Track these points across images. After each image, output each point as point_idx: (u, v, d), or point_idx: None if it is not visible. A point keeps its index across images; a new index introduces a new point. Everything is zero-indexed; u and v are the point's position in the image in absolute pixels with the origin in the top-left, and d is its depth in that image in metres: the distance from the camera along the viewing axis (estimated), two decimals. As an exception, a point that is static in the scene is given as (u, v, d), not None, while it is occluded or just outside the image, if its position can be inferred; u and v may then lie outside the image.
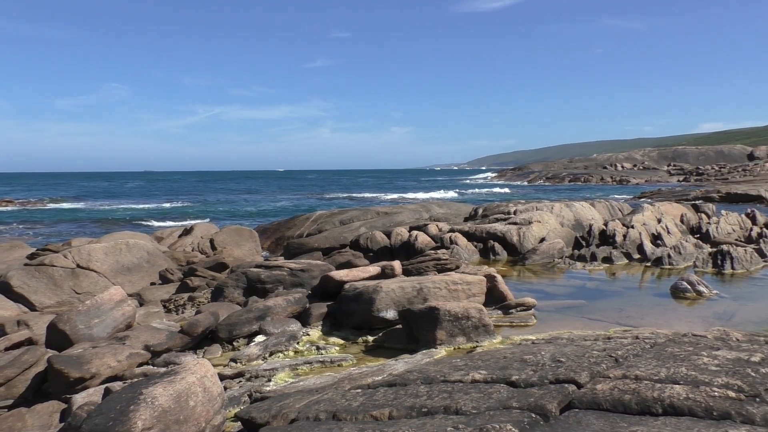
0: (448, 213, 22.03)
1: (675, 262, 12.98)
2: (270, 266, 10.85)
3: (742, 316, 8.39)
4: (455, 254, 13.85)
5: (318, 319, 8.62)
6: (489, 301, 9.02)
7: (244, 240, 17.72)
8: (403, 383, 4.91)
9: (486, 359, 5.43)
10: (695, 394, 3.98)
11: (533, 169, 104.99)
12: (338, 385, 5.32)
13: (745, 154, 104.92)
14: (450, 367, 5.22)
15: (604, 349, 5.34)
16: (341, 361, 6.92)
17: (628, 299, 9.94)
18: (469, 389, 4.51)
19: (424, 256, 11.56)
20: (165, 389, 4.15)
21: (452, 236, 15.07)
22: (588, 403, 4.07)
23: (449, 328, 7.18)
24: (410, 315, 7.46)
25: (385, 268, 9.79)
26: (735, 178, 57.46)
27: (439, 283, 8.49)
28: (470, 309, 7.35)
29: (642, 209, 18.10)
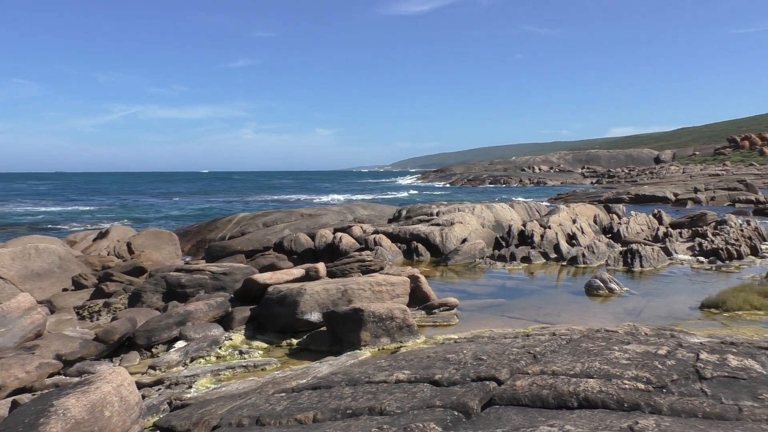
0: (372, 215, 22.14)
1: (589, 261, 13.54)
2: (191, 270, 10.58)
3: (650, 312, 8.84)
4: (379, 255, 13.93)
5: (241, 323, 8.48)
6: (413, 301, 9.13)
7: (163, 243, 17.19)
8: (328, 385, 4.90)
9: (410, 359, 5.49)
10: (608, 387, 4.16)
11: (455, 171, 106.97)
12: (262, 390, 5.25)
13: (652, 158, 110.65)
14: (374, 368, 5.25)
15: (523, 347, 5.51)
16: (265, 365, 6.83)
17: (545, 297, 10.29)
18: (394, 389, 4.55)
19: (349, 258, 11.58)
20: (78, 400, 3.97)
21: (376, 238, 15.15)
22: (508, 399, 4.19)
23: (374, 329, 7.22)
24: (335, 317, 7.45)
25: (309, 270, 9.74)
26: (643, 181, 60.48)
27: (363, 285, 8.51)
28: (394, 310, 7.42)
29: (558, 210, 18.78)
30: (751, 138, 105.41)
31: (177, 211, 44.46)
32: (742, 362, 4.69)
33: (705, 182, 44.94)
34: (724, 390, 4.15)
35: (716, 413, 3.78)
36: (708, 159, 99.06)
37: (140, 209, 47.65)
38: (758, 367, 4.60)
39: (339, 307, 7.80)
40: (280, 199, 58.60)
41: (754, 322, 7.78)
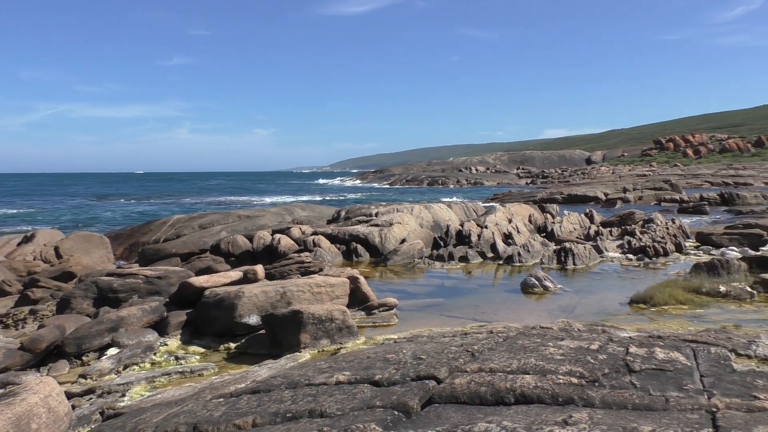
0: (311, 216, 22.02)
1: (524, 260, 13.86)
2: (123, 274, 10.26)
3: (583, 308, 9.13)
4: (319, 257, 13.87)
5: (177, 327, 8.28)
6: (352, 302, 9.13)
7: (93, 247, 16.61)
8: (267, 389, 4.84)
9: (350, 360, 5.49)
10: (543, 383, 4.27)
11: (394, 172, 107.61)
12: (199, 396, 5.14)
13: (584, 159, 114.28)
14: (314, 370, 5.22)
15: (461, 345, 5.58)
16: (202, 370, 6.70)
17: (483, 296, 10.47)
18: (334, 391, 4.54)
19: (288, 260, 11.47)
20: (2, 413, 3.79)
21: (315, 239, 15.08)
22: (447, 397, 4.24)
23: (313, 331, 7.18)
24: (274, 319, 7.37)
25: (247, 273, 9.60)
26: (575, 181, 62.37)
27: (302, 287, 8.46)
28: (334, 311, 7.40)
29: (494, 210, 19.14)
30: (675, 140, 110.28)
31: (109, 213, 43.02)
32: (669, 355, 4.90)
33: (633, 182, 46.73)
34: (652, 382, 4.32)
35: (645, 404, 3.93)
36: (636, 160, 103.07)
37: (70, 212, 45.86)
38: (683, 359, 4.82)
39: (278, 309, 7.72)
40: (217, 201, 57.55)
41: (679, 316, 8.14)
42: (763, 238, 15.64)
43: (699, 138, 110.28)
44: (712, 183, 52.40)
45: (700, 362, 4.83)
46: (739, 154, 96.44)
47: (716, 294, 9.16)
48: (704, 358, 4.94)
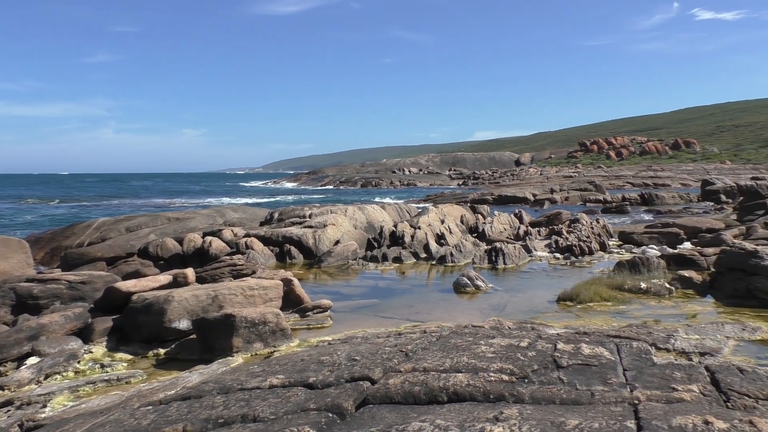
0: (244, 218, 21.67)
1: (457, 260, 14.08)
2: (44, 279, 9.81)
3: (513, 306, 9.35)
4: (251, 259, 13.68)
5: (102, 334, 7.98)
6: (286, 304, 9.04)
7: (11, 252, 15.80)
8: (198, 395, 4.74)
9: (284, 363, 5.44)
10: (475, 381, 4.35)
11: (328, 173, 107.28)
12: (126, 404, 4.98)
13: (513, 160, 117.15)
14: (247, 375, 5.15)
15: (395, 345, 5.62)
16: (129, 377, 6.49)
17: (416, 296, 10.57)
18: (267, 395, 4.48)
19: (219, 263, 11.25)
20: None
21: (248, 241, 14.86)
22: (381, 397, 4.26)
23: (246, 335, 7.07)
24: (205, 324, 7.22)
25: (177, 277, 9.36)
26: (505, 182, 63.84)
27: (234, 290, 8.32)
28: (267, 314, 7.31)
29: (427, 211, 19.35)
30: (599, 143, 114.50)
31: (29, 216, 41.06)
32: (594, 350, 5.08)
33: (560, 183, 48.24)
34: (579, 377, 4.47)
35: (572, 399, 4.07)
36: (562, 162, 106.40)
37: (-16, 215, 43.51)
38: (607, 354, 5.01)
39: (209, 313, 7.56)
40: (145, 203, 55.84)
41: (603, 313, 8.45)
42: (680, 237, 16.45)
43: (621, 141, 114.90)
44: (633, 184, 54.71)
45: (623, 356, 5.04)
46: (657, 156, 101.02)
47: (638, 291, 9.55)
48: (627, 353, 5.15)
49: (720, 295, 9.12)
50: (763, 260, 8.74)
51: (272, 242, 15.34)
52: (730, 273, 9.20)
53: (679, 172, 67.01)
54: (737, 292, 8.85)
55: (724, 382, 4.41)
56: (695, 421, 3.43)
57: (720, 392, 4.26)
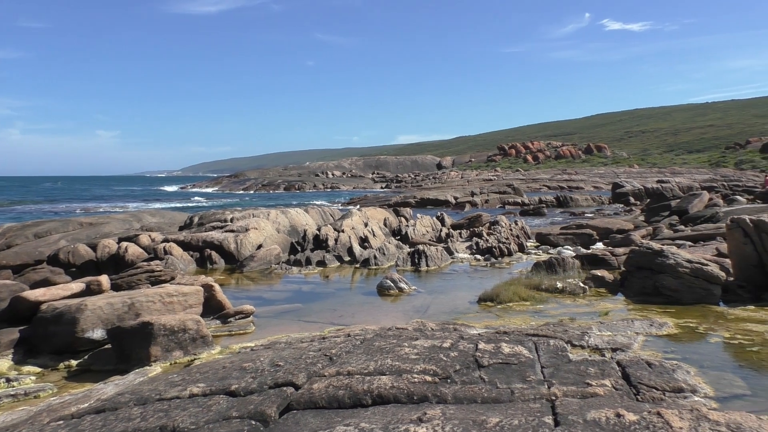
0: (162, 222, 21.02)
1: (380, 262, 14.17)
2: (-58, 290, 9.18)
3: (436, 308, 9.48)
4: (170, 265, 13.28)
5: (7, 347, 7.54)
6: (207, 311, 8.83)
7: None
8: (114, 407, 4.56)
9: (204, 371, 5.31)
10: (399, 382, 4.39)
11: (250, 177, 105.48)
12: (35, 420, 4.72)
13: (435, 164, 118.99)
14: (166, 384, 4.99)
15: (319, 349, 5.60)
16: (38, 391, 6.15)
17: (340, 299, 10.55)
18: (188, 405, 4.36)
19: (136, 269, 10.86)
20: None
21: (166, 246, 14.43)
22: (305, 403, 4.23)
23: (165, 343, 6.86)
24: (121, 333, 6.95)
25: (90, 284, 8.97)
26: (427, 185, 64.75)
27: (152, 297, 8.05)
28: (187, 321, 7.12)
29: (351, 214, 19.37)
30: (517, 147, 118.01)
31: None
32: (513, 349, 5.23)
33: (480, 186, 49.37)
34: (499, 375, 4.59)
35: (493, 397, 4.17)
36: (482, 165, 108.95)
37: None
38: (526, 353, 5.16)
39: (126, 321, 7.28)
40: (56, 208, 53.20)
41: (522, 312, 8.70)
42: (593, 238, 17.18)
43: (537, 145, 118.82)
44: (549, 187, 56.70)
45: (541, 354, 5.21)
46: (571, 160, 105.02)
47: (554, 290, 9.90)
48: (544, 351, 5.33)
49: (630, 292, 9.57)
50: (668, 259, 9.23)
51: (192, 247, 14.95)
52: (638, 272, 9.67)
53: (591, 176, 69.92)
54: (645, 289, 9.31)
55: (634, 377, 4.64)
56: (608, 415, 3.58)
57: (630, 386, 4.48)
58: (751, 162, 76.13)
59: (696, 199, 22.13)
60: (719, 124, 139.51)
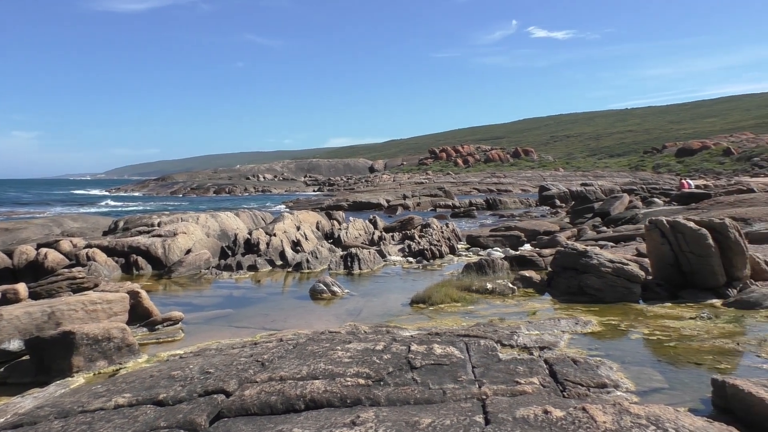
0: (84, 227, 20.24)
1: (313, 266, 14.09)
2: None
3: (369, 311, 9.50)
4: (93, 272, 12.79)
5: None
6: (133, 318, 8.56)
7: None
8: (33, 421, 4.35)
9: (131, 381, 5.14)
10: (332, 386, 4.37)
11: (178, 180, 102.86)
12: (-54, 438, 4.45)
13: (367, 167, 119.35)
14: (90, 395, 4.80)
15: (251, 355, 5.51)
16: (-51, 407, 5.80)
17: (272, 304, 10.43)
18: (113, 416, 4.21)
19: (57, 276, 10.40)
20: None
21: (89, 252, 13.89)
22: (237, 410, 4.15)
23: (88, 353, 6.60)
24: (40, 343, 6.63)
25: (6, 293, 8.53)
26: (360, 188, 64.87)
27: (74, 305, 7.73)
28: (112, 329, 6.87)
29: (282, 218, 19.18)
30: (448, 150, 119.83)
31: None
32: (445, 350, 5.30)
33: (412, 190, 49.85)
34: (432, 376, 4.64)
35: (425, 398, 4.21)
36: (414, 168, 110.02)
37: None
38: (458, 353, 5.24)
39: (45, 331, 6.96)
40: (-33, 212, 50.31)
41: (453, 313, 8.83)
42: (522, 239, 17.64)
43: (467, 149, 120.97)
44: (479, 190, 57.83)
45: (472, 354, 5.30)
46: (500, 163, 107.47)
47: (484, 291, 10.10)
48: (475, 351, 5.43)
49: (556, 292, 9.87)
50: (592, 259, 9.58)
51: (117, 253, 14.45)
52: (564, 272, 9.99)
53: (519, 179, 71.76)
54: (571, 289, 9.63)
55: (561, 374, 4.79)
56: (536, 412, 3.69)
57: (557, 383, 4.62)
58: (667, 166, 79.96)
59: (617, 202, 23.06)
60: (638, 130, 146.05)
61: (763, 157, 71.49)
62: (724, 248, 9.11)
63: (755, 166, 68.04)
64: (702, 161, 78.67)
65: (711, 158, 79.21)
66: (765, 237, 13.29)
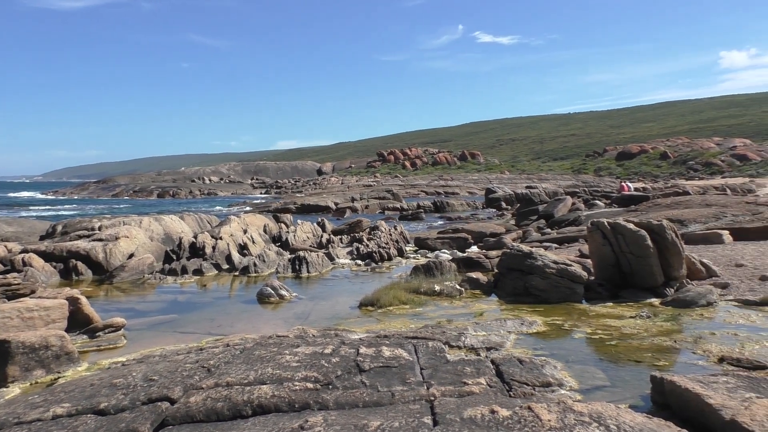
0: (20, 231, 19.46)
1: (260, 270, 13.93)
2: None
3: (317, 314, 9.45)
4: (30, 277, 12.32)
5: None
6: (73, 325, 8.28)
7: None
8: (-36, 435, 4.16)
9: (70, 390, 4.97)
10: (280, 391, 4.33)
11: (120, 183, 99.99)
12: None
13: (315, 170, 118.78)
14: (26, 406, 4.62)
15: (197, 361, 5.41)
16: None
17: (219, 309, 10.26)
18: (51, 427, 4.06)
19: (-10, 283, 9.98)
20: None
21: (25, 257, 13.38)
22: (182, 417, 4.07)
23: (24, 362, 6.35)
24: (-28, 353, 6.35)
25: (-65, 301, 8.14)
26: (308, 191, 64.57)
27: (9, 312, 7.43)
28: (50, 337, 6.63)
29: (229, 221, 18.88)
30: (396, 153, 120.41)
31: None
32: (394, 352, 5.32)
33: (360, 192, 49.89)
34: (380, 379, 4.65)
35: (374, 401, 4.21)
36: (362, 171, 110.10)
37: None
38: (406, 355, 5.27)
39: (-22, 340, 6.67)
40: None
41: (402, 316, 8.87)
42: (469, 241, 17.86)
43: (415, 152, 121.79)
44: (427, 192, 58.32)
45: (420, 356, 5.33)
46: (447, 166, 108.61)
47: (432, 293, 10.18)
48: (423, 352, 5.46)
49: (502, 293, 10.03)
50: (537, 261, 9.78)
51: (55, 258, 13.96)
52: (510, 273, 10.16)
53: (466, 182, 72.71)
54: (517, 290, 9.80)
55: (507, 374, 4.86)
56: (483, 412, 3.73)
57: (504, 383, 4.69)
58: (608, 169, 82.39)
59: (561, 204, 23.62)
60: (580, 134, 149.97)
61: (698, 161, 74.46)
62: (661, 249, 9.44)
63: (690, 170, 70.85)
64: (641, 165, 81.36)
65: (649, 162, 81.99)
66: (700, 238, 13.85)
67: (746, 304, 8.31)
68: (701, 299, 8.41)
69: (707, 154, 77.04)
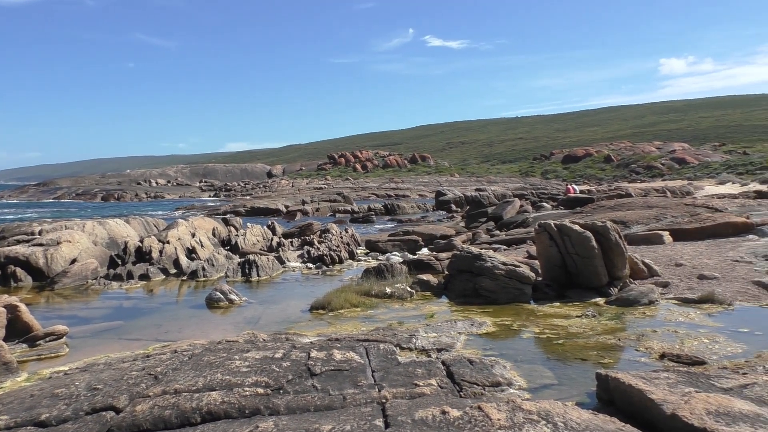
0: (-46, 236, 18.64)
1: (209, 274, 13.70)
2: None
3: (268, 318, 9.36)
4: (-35, 285, 11.82)
5: None
6: (11, 334, 7.97)
7: None
8: None
9: (8, 402, 4.78)
10: (230, 397, 4.27)
11: (61, 185, 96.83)
12: None
13: (265, 172, 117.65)
14: (-39, 420, 4.43)
15: (143, 368, 5.28)
16: None
17: (166, 314, 10.05)
18: (-12, 441, 3.91)
19: None
20: None
21: (-40, 264, 12.82)
22: (128, 426, 3.97)
23: (-41, 373, 6.08)
24: None
25: None
26: (258, 194, 63.84)
27: (-57, 322, 7.11)
28: (-13, 347, 6.38)
29: (177, 225, 18.50)
30: (347, 156, 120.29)
31: None
32: (345, 355, 5.31)
33: (311, 195, 49.65)
34: (332, 382, 4.63)
35: (326, 405, 4.20)
36: (313, 174, 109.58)
37: None
38: (357, 358, 5.26)
39: None
40: None
41: (353, 318, 8.86)
42: (419, 244, 17.98)
43: (366, 154, 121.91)
44: (378, 195, 58.45)
45: (372, 359, 5.34)
46: (398, 169, 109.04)
47: (384, 295, 10.20)
48: (375, 355, 5.47)
49: (453, 295, 10.12)
50: (486, 262, 9.91)
51: (-8, 264, 13.43)
52: (460, 275, 10.27)
53: (416, 184, 73.13)
54: (466, 291, 9.91)
55: (458, 374, 4.91)
56: (434, 413, 3.76)
57: (454, 383, 4.74)
58: (555, 172, 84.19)
59: (509, 206, 24.01)
60: (527, 137, 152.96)
61: (640, 164, 76.80)
62: (606, 250, 9.70)
63: (632, 173, 73.02)
64: (586, 167, 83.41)
65: (594, 165, 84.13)
66: (642, 238, 14.29)
67: (685, 302, 8.62)
68: (643, 298, 8.68)
69: (648, 158, 79.51)
